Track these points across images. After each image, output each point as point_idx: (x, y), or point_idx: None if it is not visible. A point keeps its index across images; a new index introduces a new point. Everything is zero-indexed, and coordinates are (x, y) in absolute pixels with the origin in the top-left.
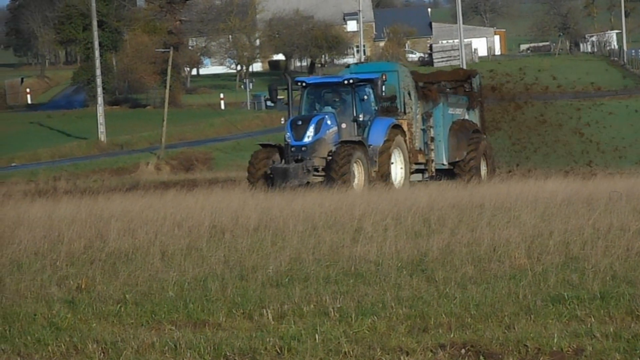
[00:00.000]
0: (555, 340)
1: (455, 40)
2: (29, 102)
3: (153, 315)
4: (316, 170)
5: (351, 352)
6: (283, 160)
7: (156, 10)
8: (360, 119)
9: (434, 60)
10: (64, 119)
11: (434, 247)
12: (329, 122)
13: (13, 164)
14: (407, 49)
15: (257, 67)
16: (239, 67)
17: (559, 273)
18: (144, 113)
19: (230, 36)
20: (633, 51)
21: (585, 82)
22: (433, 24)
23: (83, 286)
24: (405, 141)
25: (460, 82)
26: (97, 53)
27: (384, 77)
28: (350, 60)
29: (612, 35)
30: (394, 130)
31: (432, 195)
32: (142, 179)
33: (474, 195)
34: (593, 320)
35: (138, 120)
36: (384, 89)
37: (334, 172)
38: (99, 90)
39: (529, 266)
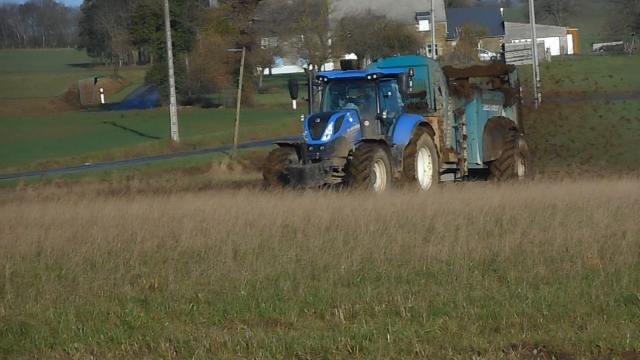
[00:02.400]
0: (627, 341)
1: (528, 40)
2: (103, 101)
3: (225, 314)
4: (335, 170)
5: (422, 352)
6: (301, 160)
7: (229, 10)
8: (384, 117)
9: (506, 60)
10: (137, 118)
11: (505, 247)
12: (350, 119)
13: (87, 164)
14: (479, 48)
15: (329, 66)
16: (310, 67)
17: (631, 273)
18: (216, 113)
19: (302, 36)
20: None
21: None
22: (505, 23)
23: (156, 285)
24: (434, 140)
25: (496, 77)
26: (169, 53)
27: (410, 72)
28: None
29: None
30: (421, 128)
31: (504, 195)
32: (214, 179)
33: (546, 195)
34: None
35: (210, 120)
36: (410, 85)
37: (353, 172)
38: (172, 90)
39: (601, 266)
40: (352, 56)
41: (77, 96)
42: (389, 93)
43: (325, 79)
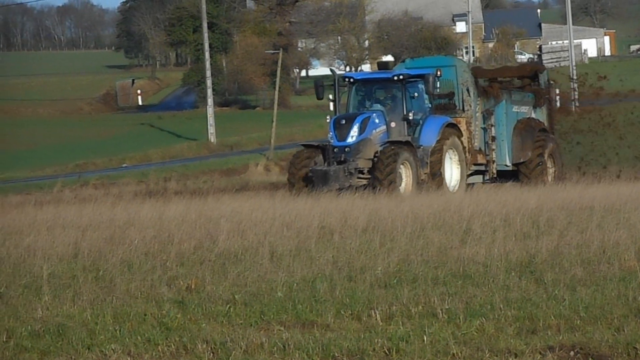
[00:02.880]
0: None
1: (565, 41)
2: (140, 103)
3: (262, 316)
4: (361, 172)
5: (459, 354)
6: (326, 162)
7: (266, 12)
8: (411, 118)
9: (544, 61)
10: (174, 120)
11: (542, 248)
12: (376, 120)
13: (124, 165)
14: (516, 49)
15: (366, 68)
16: (347, 69)
17: None
18: (253, 114)
19: (339, 37)
20: None
21: None
22: (542, 24)
23: (193, 286)
24: (461, 141)
25: (527, 78)
26: (207, 55)
27: (438, 72)
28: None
29: None
30: (448, 130)
31: (540, 196)
32: (251, 180)
33: (584, 197)
34: None
35: (247, 122)
36: (437, 86)
37: (378, 174)
38: (209, 91)
39: (638, 268)
40: (388, 58)
41: (115, 98)
42: (416, 94)
43: (352, 80)
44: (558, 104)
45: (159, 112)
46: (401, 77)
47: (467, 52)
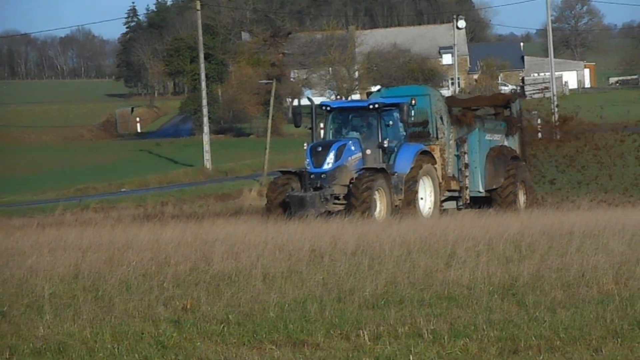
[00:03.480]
0: None
1: (547, 73)
2: (139, 130)
3: (254, 335)
4: (337, 198)
5: None
6: (302, 188)
7: (260, 44)
8: (386, 145)
9: (526, 92)
10: (171, 146)
11: (524, 272)
12: (352, 148)
13: (123, 189)
14: (499, 81)
15: (355, 98)
16: (338, 98)
17: None
18: (247, 142)
19: (330, 68)
20: None
21: None
22: (525, 57)
23: (188, 306)
24: (435, 168)
25: (499, 107)
26: (203, 84)
27: (412, 101)
28: (445, 92)
29: None
30: (422, 157)
31: (522, 222)
32: (245, 205)
33: (564, 223)
34: None
35: (242, 149)
36: (411, 114)
37: (354, 200)
38: (205, 119)
39: (616, 291)
40: (377, 88)
41: (115, 125)
42: (391, 122)
43: (328, 108)
44: (541, 131)
45: (156, 139)
46: (376, 105)
47: (452, 83)
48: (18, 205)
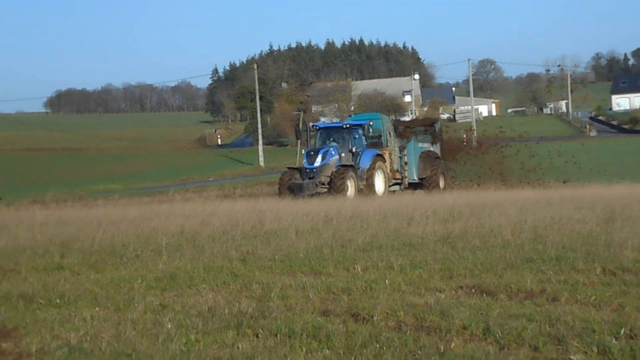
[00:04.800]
0: (528, 284)
1: (469, 106)
2: (219, 143)
3: (290, 268)
4: (323, 184)
5: (406, 290)
6: (301, 178)
7: (293, 89)
8: (354, 151)
9: (457, 119)
10: (239, 153)
11: (455, 228)
12: (333, 152)
13: (210, 179)
14: (440, 112)
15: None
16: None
17: (530, 244)
18: (286, 150)
19: (336, 105)
20: (575, 113)
21: (546, 132)
22: (456, 97)
23: (250, 251)
24: (385, 165)
25: (427, 126)
26: (258, 115)
27: (370, 122)
28: (406, 118)
29: (562, 103)
30: (376, 158)
31: (455, 198)
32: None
33: (480, 198)
34: (551, 272)
35: (282, 154)
36: (370, 131)
37: (334, 185)
38: (260, 136)
39: (512, 240)
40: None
41: (204, 140)
42: (357, 136)
43: (317, 127)
44: (466, 143)
45: (230, 149)
46: (348, 125)
47: (411, 113)
48: (145, 189)
